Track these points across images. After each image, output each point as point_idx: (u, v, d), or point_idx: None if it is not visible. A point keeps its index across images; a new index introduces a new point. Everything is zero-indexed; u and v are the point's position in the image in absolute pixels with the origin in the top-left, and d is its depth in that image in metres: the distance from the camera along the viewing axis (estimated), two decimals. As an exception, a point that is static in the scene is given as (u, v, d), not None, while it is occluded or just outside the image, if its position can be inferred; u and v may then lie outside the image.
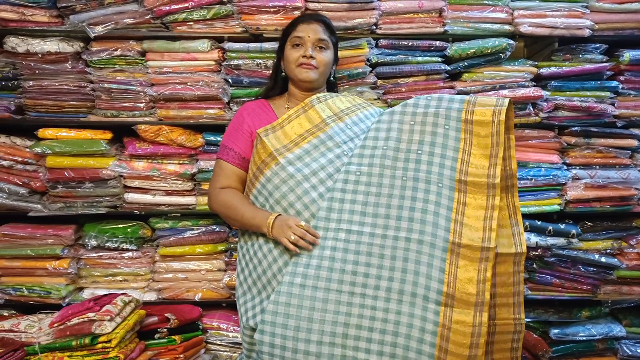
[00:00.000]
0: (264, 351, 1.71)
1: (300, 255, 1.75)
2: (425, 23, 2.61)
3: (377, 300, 1.66)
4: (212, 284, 2.72)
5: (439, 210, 1.69)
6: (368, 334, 1.65)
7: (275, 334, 1.69)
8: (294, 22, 2.07)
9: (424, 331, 1.62)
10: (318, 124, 1.92)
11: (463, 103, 1.77)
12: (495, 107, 1.70)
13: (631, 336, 2.75)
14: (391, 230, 1.70)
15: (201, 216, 2.74)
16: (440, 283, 1.63)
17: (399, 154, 1.78)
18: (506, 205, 1.74)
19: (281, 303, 1.71)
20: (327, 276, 1.70)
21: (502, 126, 1.67)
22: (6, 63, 2.63)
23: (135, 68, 2.63)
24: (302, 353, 1.66)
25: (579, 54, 2.69)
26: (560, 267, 2.69)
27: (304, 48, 2.00)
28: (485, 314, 1.57)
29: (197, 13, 2.55)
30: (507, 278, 1.70)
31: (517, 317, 1.71)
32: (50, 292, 2.64)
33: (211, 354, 2.69)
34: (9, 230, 2.67)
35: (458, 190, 1.70)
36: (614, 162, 2.68)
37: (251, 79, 2.60)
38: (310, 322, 1.67)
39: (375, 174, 1.77)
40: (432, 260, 1.65)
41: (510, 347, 1.73)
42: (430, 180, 1.72)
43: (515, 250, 1.69)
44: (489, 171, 1.67)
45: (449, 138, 1.75)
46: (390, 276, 1.67)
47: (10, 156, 2.65)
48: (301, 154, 1.87)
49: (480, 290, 1.59)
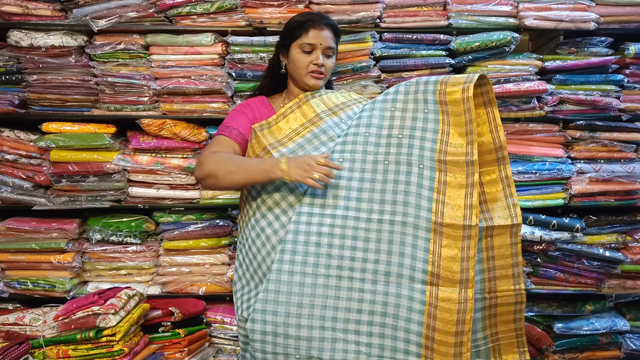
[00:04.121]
0: (256, 339, 1.72)
1: (286, 242, 1.76)
2: (430, 16, 2.60)
3: (364, 283, 1.70)
4: (216, 277, 2.73)
5: (421, 191, 1.71)
6: (357, 316, 1.69)
7: (267, 322, 1.71)
8: (305, 24, 1.98)
9: (411, 310, 1.66)
10: (312, 118, 1.93)
11: (437, 84, 1.77)
12: (464, 85, 1.69)
13: (635, 330, 2.76)
14: (375, 214, 1.73)
15: (205, 210, 2.74)
16: (425, 263, 1.66)
17: (380, 139, 1.79)
18: (499, 177, 1.75)
19: (270, 291, 1.73)
20: (314, 262, 1.72)
21: (472, 102, 1.66)
22: (10, 57, 2.64)
23: (138, 62, 2.63)
24: (293, 338, 1.69)
25: (584, 47, 2.68)
26: (565, 261, 2.69)
27: (315, 55, 1.98)
28: (471, 290, 1.61)
29: (200, 7, 2.55)
30: (505, 250, 1.73)
31: (518, 287, 1.74)
32: (55, 286, 2.66)
33: (215, 348, 2.70)
34: (14, 224, 2.68)
35: (439, 170, 1.71)
36: (618, 156, 2.67)
37: (255, 72, 2.60)
38: (300, 307, 1.70)
39: (358, 159, 1.78)
40: (416, 241, 1.68)
41: (513, 319, 1.77)
42: (412, 162, 1.74)
43: (511, 222, 1.72)
44: (466, 149, 1.68)
45: (428, 121, 1.76)
46: (376, 259, 1.70)
47: (14, 150, 2.65)
48: (294, 148, 1.87)
49: (465, 268, 1.62)
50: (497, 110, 1.75)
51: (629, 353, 2.71)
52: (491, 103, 1.75)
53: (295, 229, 1.77)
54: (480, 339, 1.75)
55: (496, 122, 1.74)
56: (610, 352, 2.73)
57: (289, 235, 1.77)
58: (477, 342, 1.74)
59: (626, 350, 2.71)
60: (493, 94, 1.74)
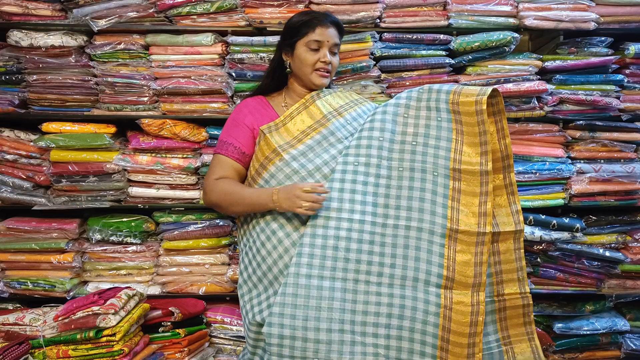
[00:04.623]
0: (273, 343, 1.72)
1: (304, 245, 1.77)
2: (430, 16, 2.60)
3: (381, 287, 1.73)
4: (216, 277, 2.73)
5: (436, 198, 1.75)
6: (375, 318, 1.72)
7: (284, 325, 1.71)
8: (311, 22, 2.00)
9: (427, 313, 1.69)
10: (320, 119, 1.94)
11: (449, 94, 1.81)
12: (477, 97, 1.75)
13: (635, 330, 2.76)
14: (391, 219, 1.76)
15: (205, 210, 2.74)
16: (440, 267, 1.71)
17: (394, 145, 1.82)
18: (504, 185, 1.81)
19: (288, 294, 1.73)
20: (332, 265, 1.73)
21: (485, 115, 1.72)
22: (10, 57, 2.63)
23: (138, 62, 2.63)
24: (312, 342, 1.69)
25: (584, 47, 2.68)
26: (565, 261, 2.69)
27: (322, 52, 1.99)
28: (482, 293, 1.67)
29: (200, 6, 2.55)
30: (510, 255, 1.80)
31: (523, 290, 1.81)
32: (55, 286, 2.66)
33: (215, 348, 2.70)
34: (14, 224, 2.68)
35: (453, 179, 1.76)
36: (618, 155, 2.67)
37: (255, 72, 2.60)
38: (318, 310, 1.71)
39: (373, 164, 1.81)
40: (432, 246, 1.73)
41: (523, 322, 1.83)
42: (426, 170, 1.78)
43: (515, 228, 1.79)
44: (480, 159, 1.74)
45: (442, 129, 1.80)
46: (392, 263, 1.73)
47: (14, 150, 2.65)
48: (305, 150, 1.89)
49: (477, 272, 1.68)
50: (505, 120, 1.80)
51: (629, 353, 2.71)
52: (500, 113, 1.80)
53: (312, 232, 1.78)
54: (492, 341, 1.77)
55: (504, 131, 1.80)
56: (610, 352, 2.73)
57: (305, 239, 1.77)
58: (490, 344, 1.77)
59: (626, 350, 2.71)
60: (503, 105, 1.79)
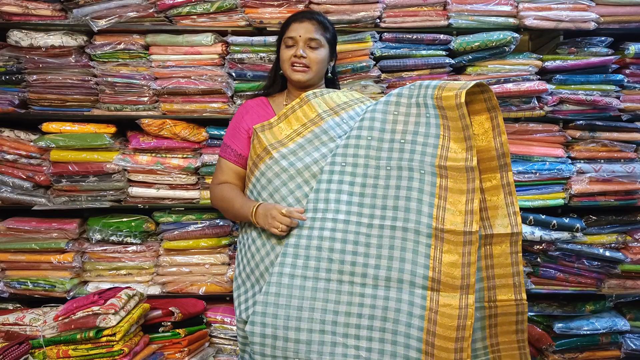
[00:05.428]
0: (255, 342, 1.72)
1: (288, 246, 1.76)
2: (430, 16, 2.60)
3: (365, 288, 1.70)
4: (216, 277, 2.73)
5: (422, 197, 1.70)
6: (357, 320, 1.69)
7: (266, 324, 1.71)
8: (288, 20, 2.06)
9: (411, 315, 1.65)
10: (313, 118, 1.92)
11: (435, 89, 1.73)
12: (457, 91, 1.66)
13: (635, 330, 2.76)
14: (377, 220, 1.73)
15: (205, 210, 2.74)
16: (426, 268, 1.66)
17: (382, 144, 1.78)
18: (500, 185, 1.73)
19: (271, 293, 1.73)
20: (315, 265, 1.72)
21: (464, 108, 1.63)
22: (10, 57, 2.63)
23: (138, 62, 2.63)
24: (292, 341, 1.69)
25: (584, 47, 2.67)
26: (565, 261, 2.69)
27: (295, 48, 1.99)
28: (472, 296, 1.59)
29: (200, 6, 2.55)
30: (505, 259, 1.72)
31: (519, 297, 1.72)
32: (55, 286, 2.65)
33: (215, 348, 2.70)
34: (14, 224, 2.68)
35: (439, 176, 1.70)
36: (618, 155, 2.67)
37: (255, 72, 2.60)
38: (300, 310, 1.70)
39: (361, 164, 1.78)
40: (417, 246, 1.68)
41: (515, 330, 1.75)
42: (413, 168, 1.73)
43: (511, 230, 1.71)
44: (465, 155, 1.66)
45: (430, 126, 1.74)
46: (377, 264, 1.70)
47: (14, 150, 2.65)
48: (295, 149, 1.88)
49: (465, 274, 1.61)
50: (501, 117, 1.72)
51: (629, 353, 2.71)
52: (495, 109, 1.72)
53: (298, 232, 1.77)
54: (479, 349, 1.74)
55: (500, 128, 1.72)
56: (610, 352, 2.73)
57: (291, 239, 1.77)
58: (477, 352, 1.73)
59: (626, 350, 2.71)
60: (496, 101, 1.71)
